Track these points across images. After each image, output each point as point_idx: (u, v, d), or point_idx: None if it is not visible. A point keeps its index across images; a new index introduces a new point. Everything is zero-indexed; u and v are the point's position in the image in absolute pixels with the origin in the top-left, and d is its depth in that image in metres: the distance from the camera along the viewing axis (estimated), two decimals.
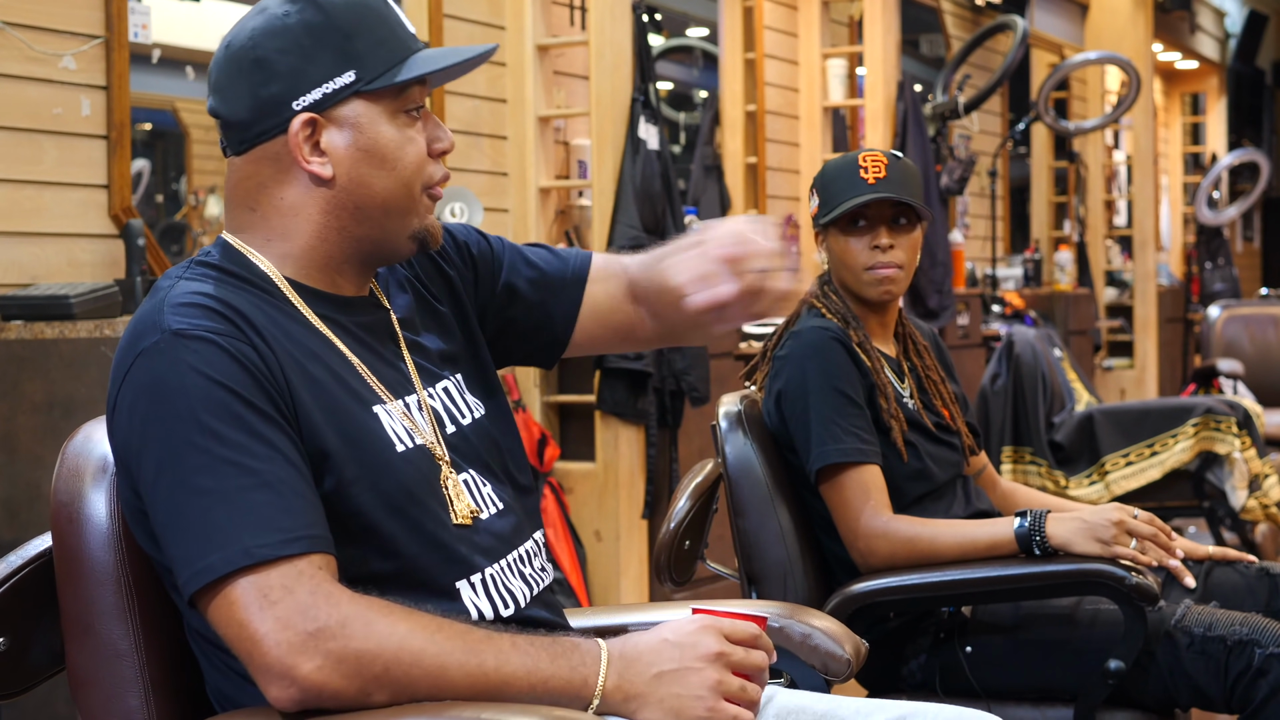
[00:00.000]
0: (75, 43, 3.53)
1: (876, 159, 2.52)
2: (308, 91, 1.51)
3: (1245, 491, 4.69)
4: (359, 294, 1.62)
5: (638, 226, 4.56)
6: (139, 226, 3.49)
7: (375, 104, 1.53)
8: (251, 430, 1.40)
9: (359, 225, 1.55)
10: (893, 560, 2.39)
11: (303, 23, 1.51)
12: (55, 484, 1.54)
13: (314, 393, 1.48)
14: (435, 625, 1.40)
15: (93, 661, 1.51)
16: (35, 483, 3.03)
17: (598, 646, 1.45)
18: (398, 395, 1.57)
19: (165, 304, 1.46)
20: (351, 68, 1.52)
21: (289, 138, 1.52)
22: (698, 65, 7.33)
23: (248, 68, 1.52)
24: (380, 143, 1.53)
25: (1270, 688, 2.22)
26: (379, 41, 1.53)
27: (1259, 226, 14.15)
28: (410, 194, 1.56)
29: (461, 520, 1.55)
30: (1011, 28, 7.14)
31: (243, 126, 1.53)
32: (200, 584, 1.37)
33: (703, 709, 1.42)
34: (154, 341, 1.43)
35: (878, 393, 2.50)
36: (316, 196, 1.54)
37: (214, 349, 1.42)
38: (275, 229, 1.55)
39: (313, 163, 1.52)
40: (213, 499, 1.38)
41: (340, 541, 1.44)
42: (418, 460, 1.54)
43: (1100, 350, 8.98)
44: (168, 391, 1.41)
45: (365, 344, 1.58)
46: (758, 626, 1.48)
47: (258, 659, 1.35)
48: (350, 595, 1.38)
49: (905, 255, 2.55)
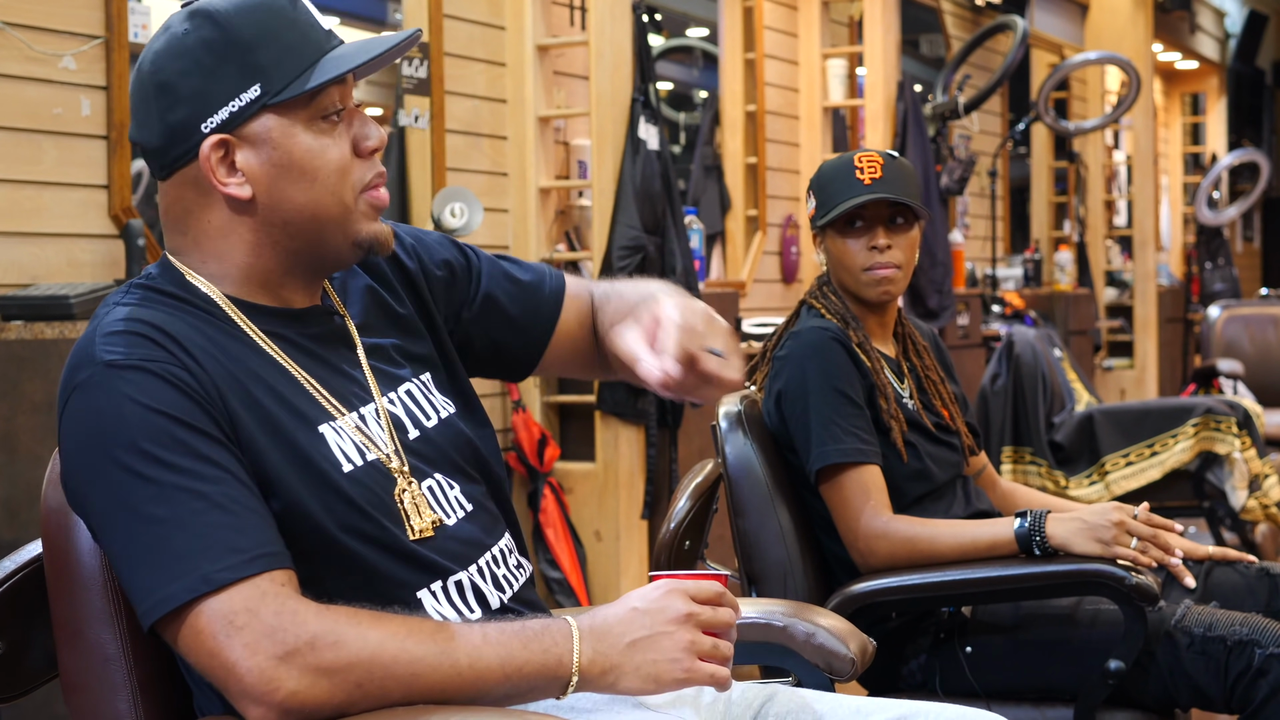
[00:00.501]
0: (75, 43, 3.53)
1: (872, 159, 2.52)
2: (214, 112, 1.46)
3: (1245, 491, 4.69)
4: (310, 304, 1.58)
5: (638, 226, 4.56)
6: (139, 227, 3.49)
7: (287, 115, 1.48)
8: (196, 454, 1.38)
9: (292, 240, 1.51)
10: (892, 560, 2.39)
11: (201, 40, 1.47)
12: (45, 489, 1.53)
13: (256, 416, 1.45)
14: (405, 629, 1.38)
15: (82, 666, 1.50)
16: (35, 483, 3.01)
17: (568, 625, 1.43)
18: (351, 407, 1.54)
19: (97, 334, 1.43)
20: (256, 81, 1.46)
21: (200, 161, 1.47)
22: (698, 65, 7.33)
23: (153, 93, 1.48)
24: (296, 155, 1.48)
25: (1270, 688, 2.22)
26: (285, 49, 1.48)
27: (1259, 226, 14.15)
28: (340, 201, 1.51)
29: (422, 534, 1.52)
30: (1011, 28, 7.14)
31: (159, 153, 1.50)
32: (161, 613, 1.36)
33: (679, 671, 1.42)
34: (88, 376, 1.41)
35: (877, 393, 2.50)
36: (241, 218, 1.50)
37: (149, 376, 1.40)
38: (208, 251, 1.52)
39: (229, 185, 1.48)
40: (167, 527, 1.36)
41: (296, 559, 1.42)
42: (366, 478, 1.50)
43: (1100, 350, 8.98)
44: (106, 425, 1.39)
45: (316, 356, 1.55)
46: (720, 584, 1.48)
47: (233, 686, 1.34)
48: (315, 609, 1.37)
49: (903, 255, 2.55)
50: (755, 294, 6.28)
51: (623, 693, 1.43)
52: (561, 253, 4.87)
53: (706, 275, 5.68)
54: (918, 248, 2.60)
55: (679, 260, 4.66)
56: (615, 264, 4.51)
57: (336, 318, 1.60)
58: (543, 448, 4.63)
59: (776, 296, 6.46)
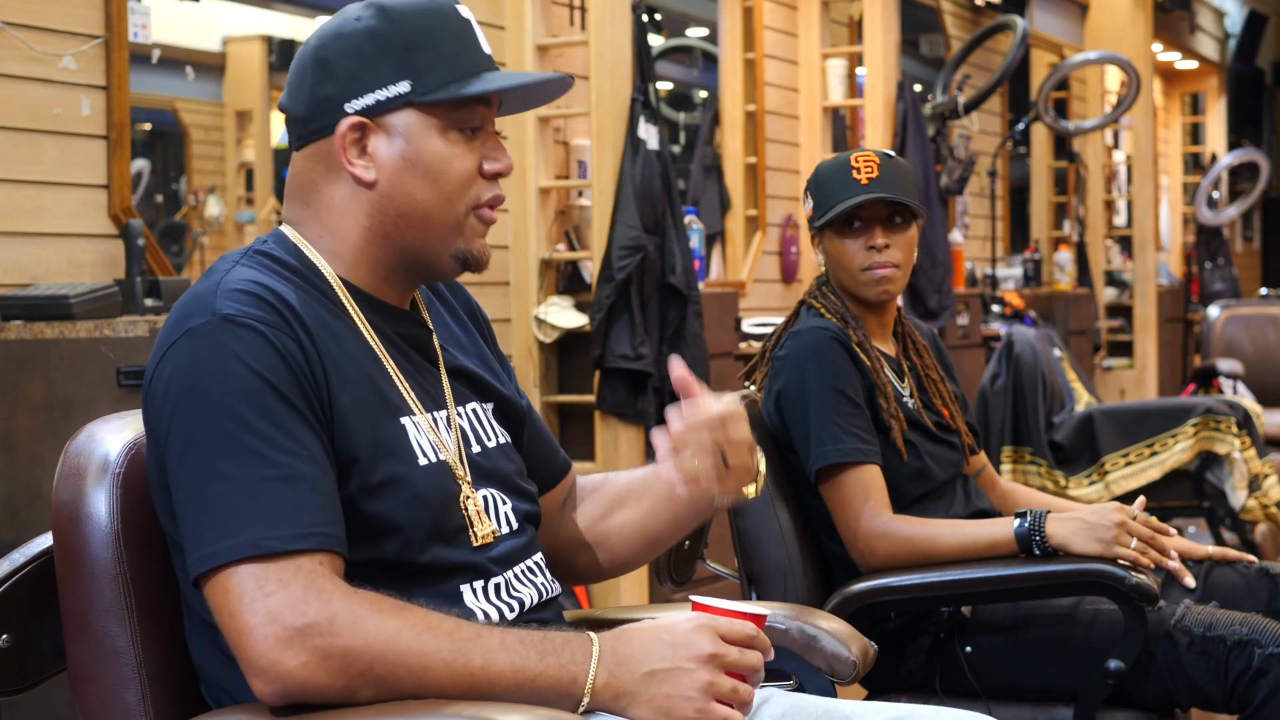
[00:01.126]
0: (75, 43, 3.53)
1: (869, 159, 2.52)
2: (360, 96, 1.54)
3: (1245, 491, 4.69)
4: (402, 306, 1.64)
5: (637, 226, 4.56)
6: (139, 226, 3.49)
7: (428, 116, 1.55)
8: (281, 424, 1.42)
9: (401, 234, 1.57)
10: (892, 560, 2.39)
11: (368, 29, 1.55)
12: (56, 483, 1.54)
13: (352, 395, 1.49)
14: (425, 623, 1.40)
15: (91, 659, 1.51)
16: (35, 483, 3.02)
17: (590, 642, 1.44)
18: (428, 409, 1.58)
19: (219, 287, 1.48)
20: (407, 78, 1.54)
21: (335, 138, 1.54)
22: (698, 65, 7.33)
23: (311, 66, 1.57)
24: (425, 155, 1.55)
25: (1270, 688, 2.22)
26: (443, 57, 1.55)
27: (1259, 226, 14.15)
28: (452, 210, 1.57)
29: (483, 541, 1.57)
30: (1011, 28, 7.14)
31: (301, 122, 1.57)
32: (205, 568, 1.38)
33: (691, 710, 1.42)
34: (202, 323, 1.45)
35: (877, 392, 2.50)
36: (361, 199, 1.56)
37: (259, 338, 1.44)
38: (325, 226, 1.58)
39: (356, 165, 1.55)
40: (232, 486, 1.39)
41: (356, 541, 1.45)
42: (438, 475, 1.55)
43: (1100, 350, 8.97)
44: (206, 374, 1.43)
45: (405, 355, 1.60)
46: (755, 626, 1.47)
47: (244, 651, 1.36)
48: (344, 591, 1.38)
49: (901, 254, 2.55)
50: (755, 294, 6.28)
51: (633, 719, 1.43)
52: (561, 252, 4.87)
53: (706, 275, 5.67)
54: (916, 247, 2.60)
55: (679, 260, 4.66)
56: (615, 264, 4.51)
57: (424, 328, 1.66)
58: None
59: (776, 296, 6.46)
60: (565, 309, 4.73)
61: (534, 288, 4.81)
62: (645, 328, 4.52)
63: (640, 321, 4.51)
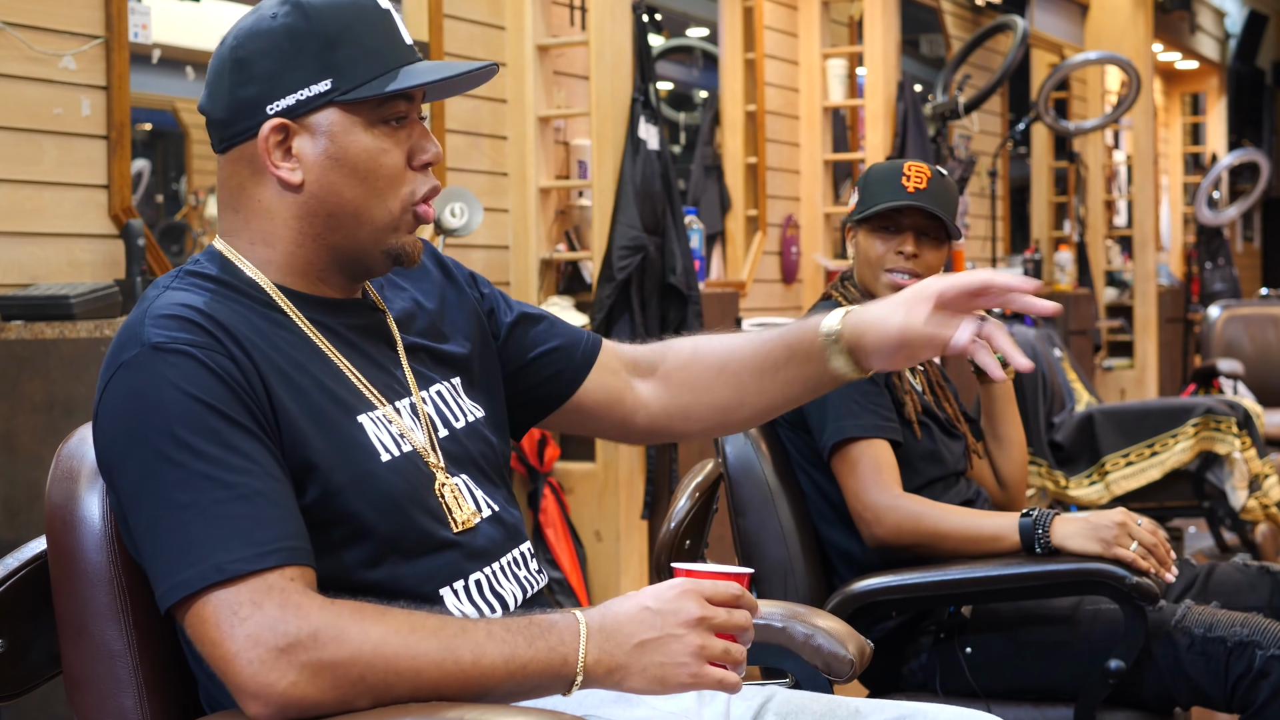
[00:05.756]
0: (75, 43, 3.53)
1: (921, 170, 2.59)
2: (282, 97, 1.51)
3: (1245, 491, 4.69)
4: (350, 296, 1.61)
5: (638, 226, 4.56)
6: (139, 226, 3.49)
7: (351, 114, 1.52)
8: (227, 443, 1.40)
9: (333, 233, 1.54)
10: (898, 533, 2.40)
11: (286, 27, 1.51)
12: (50, 486, 1.54)
13: (299, 403, 1.47)
14: (409, 625, 1.38)
15: (87, 662, 1.50)
16: (35, 483, 3.02)
17: (576, 621, 1.42)
18: (390, 399, 1.56)
19: (147, 316, 1.46)
20: (329, 76, 1.51)
21: (258, 141, 1.52)
22: (698, 65, 7.33)
23: (229, 67, 1.53)
24: (352, 153, 1.52)
25: (1271, 690, 2.23)
26: (366, 52, 1.52)
27: (1259, 226, 14.15)
28: (385, 206, 1.54)
29: (465, 525, 1.55)
30: (1011, 28, 7.14)
31: (222, 125, 1.54)
32: (175, 599, 1.37)
33: (686, 675, 1.41)
34: (134, 355, 1.44)
35: (893, 375, 2.55)
36: (289, 201, 1.53)
37: (191, 362, 1.42)
38: (256, 232, 1.55)
39: (281, 168, 1.52)
40: (189, 513, 1.37)
41: (324, 550, 1.44)
42: (404, 469, 1.52)
43: (1100, 350, 8.97)
44: (145, 406, 1.41)
45: (357, 347, 1.57)
46: (739, 585, 1.45)
47: (232, 678, 1.35)
48: (320, 603, 1.37)
49: (925, 268, 2.60)
50: (755, 294, 6.28)
51: (629, 691, 1.43)
52: (561, 252, 4.87)
53: (706, 275, 5.67)
54: (942, 268, 2.65)
55: (679, 260, 4.66)
56: (615, 264, 4.51)
57: (377, 313, 1.63)
58: (543, 447, 4.63)
59: (776, 296, 6.46)
60: (565, 309, 4.74)
61: (534, 288, 4.81)
62: (646, 328, 4.52)
63: (641, 322, 4.51)
